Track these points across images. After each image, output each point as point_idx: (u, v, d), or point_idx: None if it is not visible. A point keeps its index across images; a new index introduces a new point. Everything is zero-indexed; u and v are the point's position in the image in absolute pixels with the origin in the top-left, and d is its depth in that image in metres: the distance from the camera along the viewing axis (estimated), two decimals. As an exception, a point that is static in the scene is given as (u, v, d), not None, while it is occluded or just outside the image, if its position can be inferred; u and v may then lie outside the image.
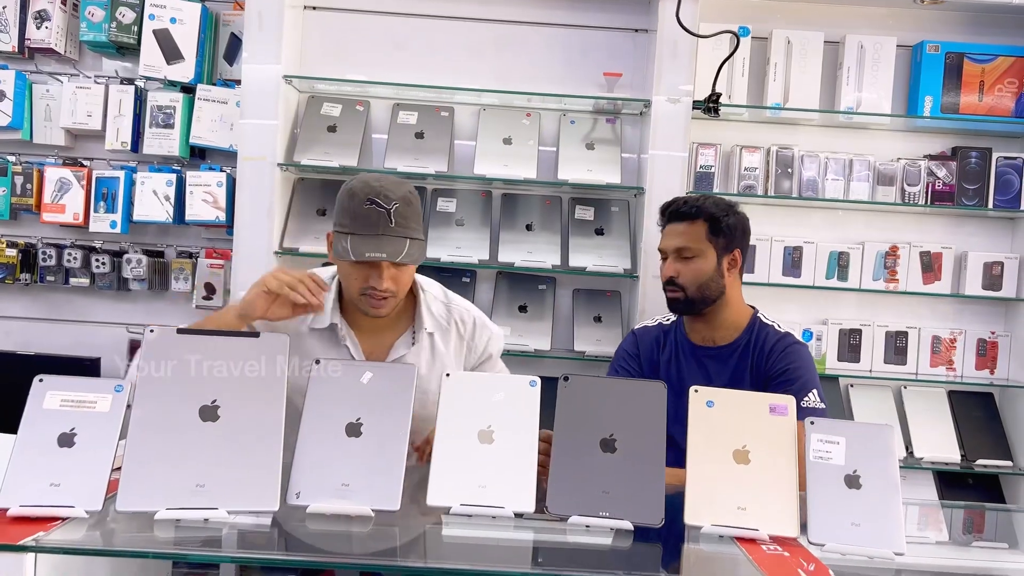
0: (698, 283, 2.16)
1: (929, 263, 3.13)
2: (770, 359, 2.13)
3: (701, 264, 2.16)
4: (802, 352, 2.14)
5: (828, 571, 1.30)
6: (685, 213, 2.20)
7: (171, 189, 3.01)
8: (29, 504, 1.32)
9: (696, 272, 2.16)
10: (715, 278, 2.17)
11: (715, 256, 2.17)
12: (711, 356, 2.21)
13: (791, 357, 2.11)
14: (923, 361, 3.15)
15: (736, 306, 2.23)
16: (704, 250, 2.17)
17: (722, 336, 2.22)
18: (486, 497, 1.47)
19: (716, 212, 2.18)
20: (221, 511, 1.38)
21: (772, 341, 2.15)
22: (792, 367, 2.10)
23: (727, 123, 3.17)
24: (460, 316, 2.00)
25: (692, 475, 1.47)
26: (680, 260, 2.18)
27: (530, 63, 3.17)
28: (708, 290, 2.17)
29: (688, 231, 2.18)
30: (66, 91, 3.04)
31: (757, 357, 2.15)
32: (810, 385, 2.07)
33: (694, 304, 2.19)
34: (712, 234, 2.17)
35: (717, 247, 2.17)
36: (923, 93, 3.09)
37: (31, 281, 3.09)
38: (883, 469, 1.47)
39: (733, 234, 2.19)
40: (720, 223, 2.17)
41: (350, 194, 1.77)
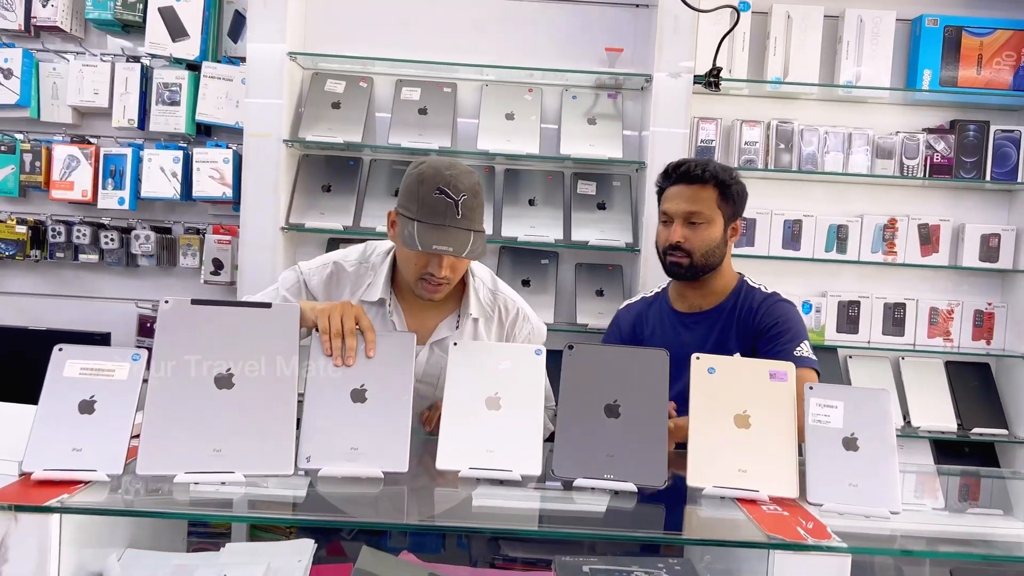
0: (704, 250, 2.11)
1: (927, 235, 3.16)
2: (758, 315, 2.11)
3: (710, 231, 2.11)
4: (789, 308, 2.13)
5: (826, 529, 1.34)
6: (696, 176, 2.11)
7: (178, 166, 3.04)
8: (53, 468, 1.36)
9: (705, 239, 2.11)
10: (720, 246, 2.13)
11: (723, 224, 2.13)
12: (697, 321, 2.19)
13: (779, 311, 2.11)
14: (921, 332, 3.19)
15: (727, 273, 2.20)
16: (714, 217, 2.11)
17: (708, 302, 2.19)
18: (494, 461, 1.51)
19: (725, 178, 2.12)
20: (238, 474, 1.42)
21: (759, 300, 2.14)
22: (782, 319, 2.09)
23: (727, 98, 3.19)
24: (504, 304, 2.02)
25: (694, 439, 1.51)
26: (688, 225, 2.11)
27: (532, 39, 3.19)
28: (712, 257, 2.13)
29: (699, 196, 2.11)
30: (72, 69, 3.06)
31: (745, 317, 2.13)
32: (801, 336, 2.07)
33: (697, 271, 2.13)
34: (722, 200, 2.12)
35: (725, 214, 2.13)
36: (922, 67, 3.11)
37: (41, 258, 3.13)
38: (880, 432, 1.52)
39: (739, 202, 2.16)
40: (729, 190, 2.12)
41: (419, 179, 1.75)
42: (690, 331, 2.19)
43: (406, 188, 1.78)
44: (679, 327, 2.21)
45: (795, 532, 1.32)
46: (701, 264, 2.13)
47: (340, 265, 1.95)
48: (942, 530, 1.69)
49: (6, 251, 3.07)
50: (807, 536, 1.31)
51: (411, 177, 1.78)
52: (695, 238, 2.11)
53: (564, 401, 1.56)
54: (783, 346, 2.05)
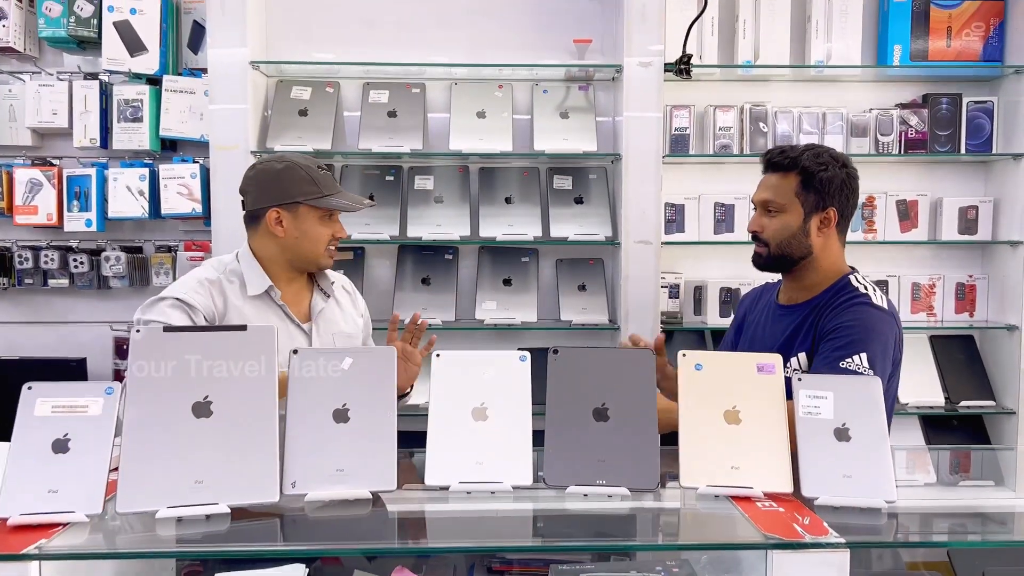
0: (779, 240, 2.01)
1: (906, 211, 3.16)
2: (829, 317, 1.94)
3: (786, 220, 2.00)
4: (863, 312, 1.91)
5: (822, 523, 1.32)
6: (779, 164, 2.03)
7: (145, 184, 2.98)
8: (29, 512, 1.31)
9: (779, 228, 2.00)
10: (799, 236, 2.00)
11: (801, 213, 1.99)
12: (786, 315, 2.07)
13: (848, 316, 1.91)
14: (904, 308, 3.20)
15: (826, 268, 2.03)
16: (789, 205, 2.00)
17: (801, 296, 2.05)
18: (484, 473, 1.48)
19: (811, 165, 1.98)
20: (221, 506, 1.38)
21: (840, 300, 1.96)
22: (844, 324, 1.90)
23: (699, 84, 3.16)
24: (340, 278, 2.26)
25: (685, 438, 1.49)
26: (765, 214, 2.03)
27: (500, 34, 3.15)
28: (790, 248, 2.01)
29: (777, 183, 2.02)
30: (29, 90, 2.99)
31: (821, 317, 1.97)
32: (858, 347, 1.85)
33: (774, 262, 2.04)
34: (803, 189, 1.99)
35: (806, 203, 1.99)
36: (892, 42, 3.10)
37: (9, 285, 3.06)
38: (871, 420, 1.50)
39: (827, 190, 1.98)
40: (814, 177, 1.98)
41: (296, 167, 1.99)
42: (778, 324, 2.08)
43: (292, 180, 1.98)
44: (772, 318, 2.11)
45: (792, 529, 1.31)
46: (777, 255, 2.02)
47: (209, 280, 2.01)
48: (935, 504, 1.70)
49: (-28, 280, 3.01)
50: (804, 533, 1.29)
51: (286, 171, 1.99)
52: (770, 227, 2.02)
53: (552, 407, 1.53)
54: (830, 353, 1.88)
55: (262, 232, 2.02)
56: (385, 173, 3.10)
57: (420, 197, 3.07)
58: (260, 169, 2.03)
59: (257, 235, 2.04)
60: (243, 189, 2.05)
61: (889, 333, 1.92)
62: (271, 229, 2.00)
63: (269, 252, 2.04)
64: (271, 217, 1.99)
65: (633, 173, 2.95)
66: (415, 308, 2.98)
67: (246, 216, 2.05)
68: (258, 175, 2.02)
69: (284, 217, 1.99)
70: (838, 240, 2.05)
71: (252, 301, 2.02)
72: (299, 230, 2.01)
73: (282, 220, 2.00)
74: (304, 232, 2.02)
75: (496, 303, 3.02)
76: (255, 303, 2.02)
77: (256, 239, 2.05)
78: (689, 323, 3.15)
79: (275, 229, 2.00)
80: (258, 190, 2.01)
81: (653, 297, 2.95)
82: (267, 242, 2.03)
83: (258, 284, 2.02)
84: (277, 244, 2.03)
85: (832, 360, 1.85)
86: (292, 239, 2.02)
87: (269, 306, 2.04)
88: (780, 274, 2.12)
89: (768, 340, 2.06)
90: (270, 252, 2.04)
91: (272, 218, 1.99)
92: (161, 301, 1.93)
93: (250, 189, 2.03)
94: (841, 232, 2.06)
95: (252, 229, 2.05)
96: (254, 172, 2.04)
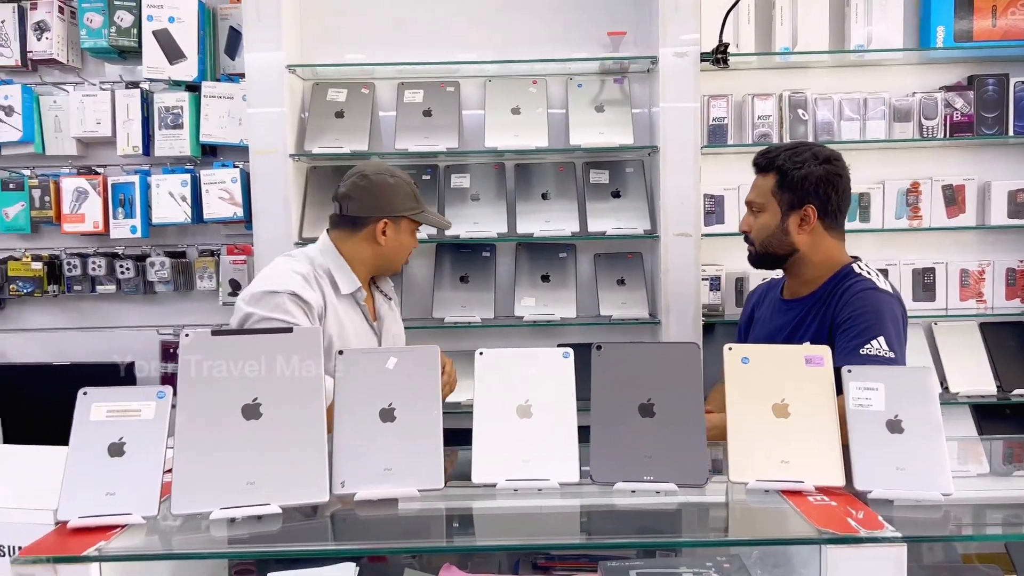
0: (761, 239, 2.08)
1: (952, 196, 3.09)
2: (838, 307, 1.98)
3: (765, 219, 2.07)
4: (870, 297, 1.95)
5: (877, 517, 1.30)
6: (759, 165, 2.11)
7: (187, 189, 3.02)
8: (88, 515, 1.34)
9: (760, 227, 2.09)
10: (778, 234, 2.06)
11: (778, 212, 2.05)
12: (790, 308, 2.11)
13: (857, 303, 1.95)
14: (952, 296, 3.13)
15: (820, 262, 2.07)
16: (767, 204, 2.07)
17: (804, 290, 2.10)
18: (530, 470, 1.48)
19: (786, 165, 2.04)
20: (273, 506, 1.40)
21: (845, 289, 1.99)
22: (857, 312, 1.93)
23: (737, 72, 3.12)
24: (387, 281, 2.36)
25: (733, 432, 1.47)
26: (751, 214, 2.12)
27: (533, 29, 3.13)
28: (772, 247, 2.07)
29: (760, 184, 2.10)
30: (73, 100, 3.05)
31: (829, 308, 2.00)
32: (874, 331, 1.89)
33: (762, 260, 2.12)
34: (779, 188, 2.05)
35: (782, 202, 2.05)
36: (935, 23, 3.03)
37: (59, 292, 3.13)
38: (924, 412, 1.46)
39: (802, 188, 2.03)
40: (787, 176, 2.03)
41: (403, 183, 2.14)
42: (783, 317, 2.13)
43: (402, 195, 2.14)
44: (779, 312, 2.16)
45: (846, 524, 1.28)
46: (762, 252, 2.10)
47: (306, 276, 2.06)
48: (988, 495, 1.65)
49: (24, 288, 3.08)
50: (859, 527, 1.27)
51: (397, 186, 2.13)
52: (754, 226, 2.11)
53: (596, 403, 1.52)
54: (848, 342, 1.91)
55: (362, 237, 2.13)
56: (422, 172, 3.11)
57: (456, 195, 3.07)
58: (373, 181, 2.12)
59: (354, 238, 2.14)
60: (347, 195, 2.12)
61: (898, 314, 1.97)
62: (375, 237, 2.12)
63: (362, 256, 2.15)
64: (379, 227, 2.11)
65: (671, 165, 2.92)
66: (454, 307, 3.00)
67: (343, 219, 2.14)
68: (372, 187, 2.11)
69: (389, 228, 2.13)
70: (828, 235, 2.07)
71: (343, 299, 2.11)
72: (397, 240, 2.16)
73: (387, 231, 2.12)
74: (400, 243, 2.18)
75: (535, 300, 3.01)
76: (344, 302, 2.12)
77: (351, 242, 2.14)
78: (731, 315, 3.11)
79: (379, 238, 2.12)
80: (369, 199, 2.11)
81: (694, 290, 2.92)
82: (364, 247, 2.14)
83: (349, 284, 2.12)
84: (374, 250, 2.14)
85: (852, 350, 1.88)
86: (391, 248, 2.16)
87: (353, 306, 2.15)
88: (765, 269, 2.19)
89: (774, 333, 2.09)
90: (363, 256, 2.15)
91: (379, 228, 2.12)
92: (275, 295, 1.97)
93: (358, 197, 2.11)
94: (832, 227, 2.08)
95: (348, 232, 2.14)
96: (366, 182, 2.12)
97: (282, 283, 1.99)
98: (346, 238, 2.14)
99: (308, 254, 2.15)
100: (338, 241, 2.15)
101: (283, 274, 2.04)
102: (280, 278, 2.02)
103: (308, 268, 2.09)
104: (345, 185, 2.14)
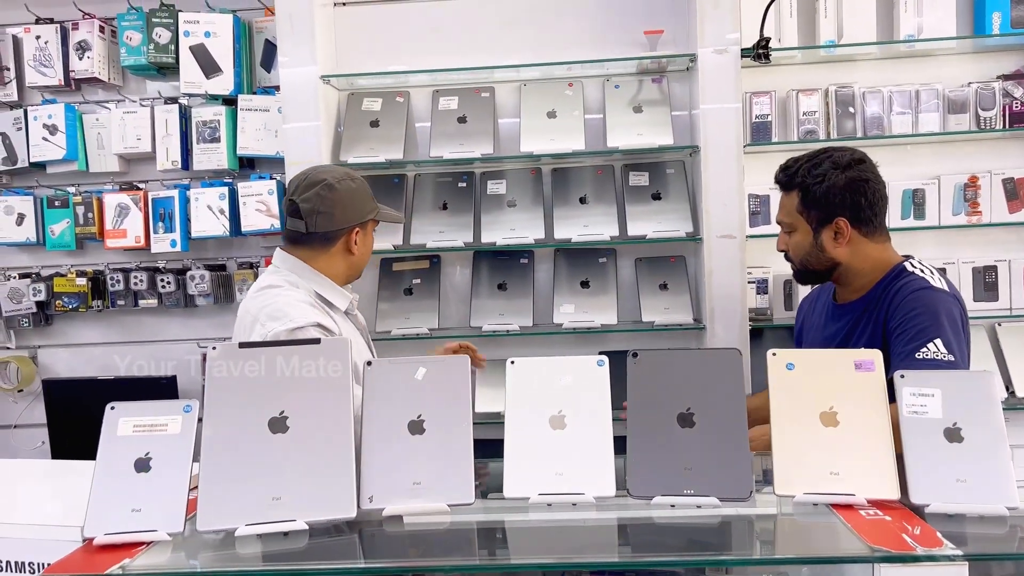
0: (800, 257, 2.02)
1: (1013, 190, 2.94)
2: (891, 311, 1.89)
3: (798, 238, 2.00)
4: (925, 297, 1.85)
5: (935, 533, 1.21)
6: (782, 183, 2.04)
7: (225, 202, 3.04)
8: (113, 532, 1.33)
9: (796, 247, 2.02)
10: (814, 252, 1.98)
11: (809, 230, 1.98)
12: (843, 313, 2.03)
13: (910, 305, 1.85)
14: (1016, 295, 2.97)
15: (869, 268, 1.98)
16: (797, 223, 1.99)
17: (855, 295, 2.02)
18: (564, 484, 1.42)
19: (807, 181, 1.96)
20: (299, 522, 1.37)
21: (897, 291, 1.90)
22: (910, 314, 1.83)
23: (780, 68, 3.02)
24: None
25: (778, 443, 1.41)
26: (785, 233, 2.05)
27: (568, 30, 3.08)
28: (812, 264, 2.00)
29: (785, 203, 2.03)
30: (114, 117, 3.10)
31: (881, 311, 1.92)
32: (930, 333, 1.79)
33: (805, 276, 2.06)
34: (804, 206, 1.97)
35: (810, 220, 1.97)
36: (990, 9, 2.89)
37: (103, 307, 3.18)
38: (986, 418, 1.38)
39: (828, 202, 1.94)
40: (810, 193, 1.95)
41: (363, 182, 2.02)
42: (836, 323, 2.05)
43: (366, 197, 2.01)
44: (830, 317, 2.09)
45: (901, 541, 1.20)
46: (803, 270, 2.04)
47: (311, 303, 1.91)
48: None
49: (70, 304, 3.13)
50: (915, 545, 1.19)
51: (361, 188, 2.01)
52: (791, 245, 2.04)
53: (633, 413, 1.46)
54: (903, 347, 1.81)
55: (336, 251, 1.98)
56: (457, 180, 3.08)
57: (493, 202, 3.03)
58: (339, 190, 1.93)
59: (327, 253, 1.97)
60: (315, 209, 1.92)
61: (956, 312, 1.85)
62: (348, 247, 1.98)
63: (337, 269, 2.00)
64: (352, 236, 1.98)
65: (713, 165, 2.84)
66: (492, 315, 2.96)
67: (313, 236, 1.94)
68: (341, 197, 1.93)
69: (359, 234, 1.99)
70: (870, 240, 1.97)
71: (339, 316, 1.99)
72: (366, 245, 2.04)
73: (357, 238, 1.99)
74: (367, 246, 2.05)
75: (574, 306, 2.95)
76: (341, 318, 2.00)
77: (324, 257, 1.97)
78: (780, 319, 3.01)
79: (352, 247, 1.98)
80: (341, 210, 1.94)
81: (740, 293, 2.83)
82: (338, 260, 2.00)
83: (343, 299, 2.01)
84: (347, 261, 2.01)
85: (907, 355, 1.78)
86: (361, 254, 2.02)
87: (345, 320, 2.02)
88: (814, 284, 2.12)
89: (828, 339, 2.02)
90: (338, 269, 2.00)
91: (352, 237, 1.98)
92: (300, 330, 1.81)
93: (328, 209, 1.92)
94: (871, 232, 1.97)
95: (319, 248, 1.96)
96: (333, 194, 1.92)
97: (296, 317, 1.83)
98: (317, 255, 1.96)
99: (288, 280, 1.95)
100: (309, 260, 1.96)
101: (292, 307, 1.86)
102: (289, 310, 1.84)
103: (304, 295, 1.92)
104: (309, 199, 1.92)
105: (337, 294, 1.99)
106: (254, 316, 1.88)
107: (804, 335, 2.21)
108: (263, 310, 1.87)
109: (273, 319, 1.83)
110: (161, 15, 3.07)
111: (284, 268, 1.98)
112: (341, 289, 2.01)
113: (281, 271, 1.98)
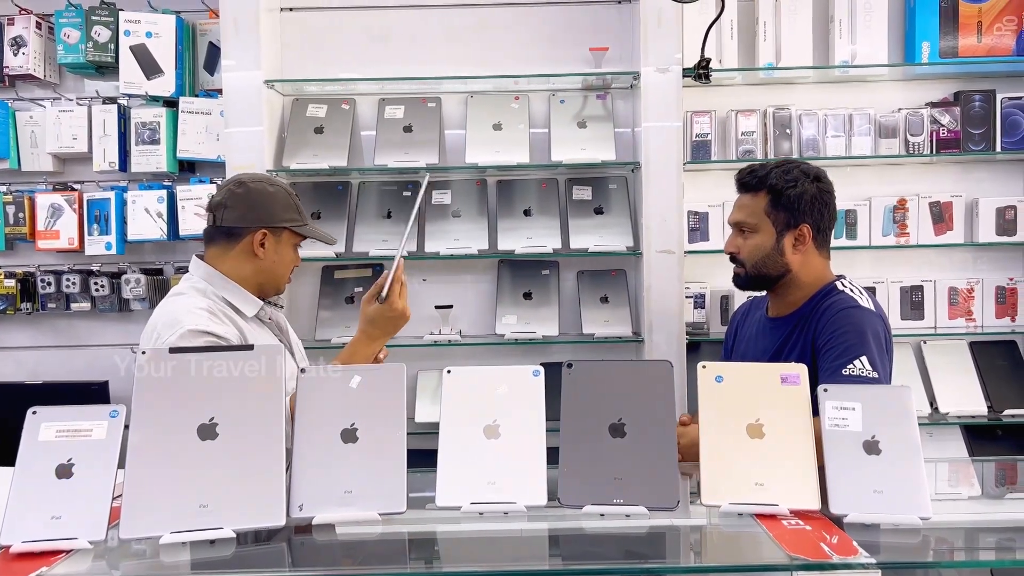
0: (754, 260, 2.02)
1: (940, 213, 3.06)
2: (819, 328, 1.93)
3: (759, 240, 2.01)
4: (853, 316, 1.91)
5: (852, 542, 1.25)
6: (748, 184, 2.04)
7: (163, 206, 2.99)
8: (31, 539, 1.29)
9: (753, 248, 2.02)
10: (773, 255, 2.00)
11: (773, 232, 2.00)
12: (775, 327, 2.07)
13: (839, 323, 1.90)
14: (941, 314, 3.09)
15: (809, 282, 2.03)
16: (761, 225, 2.01)
17: (788, 309, 2.06)
18: (496, 493, 1.43)
19: (779, 183, 1.99)
20: (226, 530, 1.34)
21: (826, 308, 1.95)
22: (838, 331, 1.89)
23: (720, 88, 3.10)
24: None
25: (706, 453, 1.43)
26: (740, 235, 2.05)
27: (515, 45, 3.11)
28: (766, 268, 2.02)
29: (749, 204, 2.03)
30: (49, 116, 3.02)
31: (811, 328, 1.96)
32: (856, 351, 1.85)
33: (753, 282, 2.06)
34: (773, 208, 1.99)
35: (777, 222, 1.99)
36: (920, 39, 3.01)
37: (33, 310, 3.08)
38: (902, 432, 1.42)
39: (797, 207, 1.98)
40: (783, 195, 1.98)
41: (285, 192, 2.02)
42: (768, 337, 2.08)
43: (283, 205, 2.00)
44: (763, 331, 2.12)
45: (819, 549, 1.24)
46: (754, 274, 2.05)
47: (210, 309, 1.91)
48: (978, 518, 1.61)
49: (-2, 306, 3.03)
50: (832, 553, 1.22)
51: (278, 195, 2.01)
52: (745, 247, 2.05)
53: (566, 423, 1.48)
54: (830, 363, 1.86)
55: (239, 250, 1.98)
56: (402, 189, 3.07)
57: (438, 212, 3.03)
58: (252, 188, 1.98)
59: (231, 254, 1.98)
60: (222, 203, 1.97)
61: (881, 332, 1.92)
62: (252, 249, 1.98)
63: (243, 273, 1.99)
64: (256, 238, 1.97)
65: (654, 181, 2.89)
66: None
67: (218, 231, 1.98)
68: (251, 194, 1.97)
69: (268, 240, 1.98)
70: (818, 254, 2.04)
71: (250, 323, 1.98)
72: (278, 254, 2.01)
73: (265, 243, 1.98)
74: (280, 257, 2.03)
75: (516, 317, 2.97)
76: (252, 324, 1.99)
77: (228, 258, 1.98)
78: (716, 334, 3.07)
79: (256, 250, 1.97)
80: (247, 209, 1.96)
81: (677, 308, 2.88)
82: (242, 263, 1.98)
83: (251, 305, 2.00)
84: (253, 266, 1.99)
85: (834, 371, 1.84)
86: (270, 262, 2.01)
87: (260, 326, 2.02)
88: (752, 291, 2.15)
89: (761, 353, 2.05)
90: (244, 273, 1.99)
91: (257, 239, 1.97)
92: (189, 334, 1.79)
93: (234, 205, 1.96)
94: (822, 246, 2.05)
95: (223, 247, 1.98)
96: (243, 190, 1.97)
97: (186, 321, 1.82)
98: (223, 255, 1.98)
99: (196, 287, 1.97)
100: (216, 261, 1.98)
101: (185, 312, 1.86)
102: (181, 316, 1.84)
103: (204, 300, 1.92)
104: (220, 194, 1.98)
105: (244, 299, 1.98)
106: (154, 325, 1.89)
107: (736, 347, 2.24)
108: (161, 319, 1.89)
109: (168, 327, 1.84)
110: (101, 13, 3.00)
111: (196, 275, 1.99)
112: (249, 294, 2.00)
113: (193, 278, 1.99)
